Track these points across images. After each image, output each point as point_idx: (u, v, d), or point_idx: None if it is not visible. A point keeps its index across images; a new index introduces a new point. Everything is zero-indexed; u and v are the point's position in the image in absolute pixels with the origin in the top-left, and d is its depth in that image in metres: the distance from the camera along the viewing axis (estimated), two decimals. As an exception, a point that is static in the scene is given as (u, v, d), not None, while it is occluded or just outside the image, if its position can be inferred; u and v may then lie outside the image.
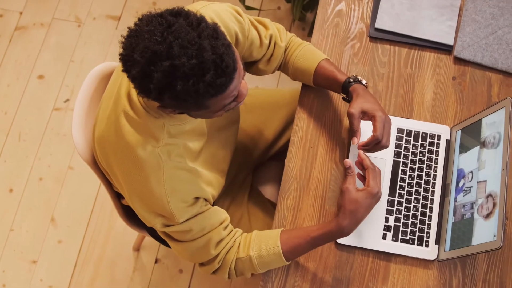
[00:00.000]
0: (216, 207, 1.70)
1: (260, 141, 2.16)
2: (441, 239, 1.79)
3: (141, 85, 1.34)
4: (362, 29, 2.04)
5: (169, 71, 1.30)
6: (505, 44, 2.01)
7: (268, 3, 3.15)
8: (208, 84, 1.33)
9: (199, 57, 1.31)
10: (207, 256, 1.68)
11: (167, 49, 1.30)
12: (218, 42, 1.34)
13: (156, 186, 1.54)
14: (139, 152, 1.52)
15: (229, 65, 1.35)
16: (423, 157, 1.87)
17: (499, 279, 1.79)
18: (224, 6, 1.67)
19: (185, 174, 1.59)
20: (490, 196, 1.64)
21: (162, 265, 2.73)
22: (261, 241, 1.69)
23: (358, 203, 1.62)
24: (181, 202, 1.58)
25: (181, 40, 1.31)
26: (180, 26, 1.32)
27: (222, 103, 1.42)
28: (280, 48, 1.83)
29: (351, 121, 1.70)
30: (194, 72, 1.31)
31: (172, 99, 1.35)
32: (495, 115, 1.73)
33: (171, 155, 1.55)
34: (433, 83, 1.98)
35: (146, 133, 1.52)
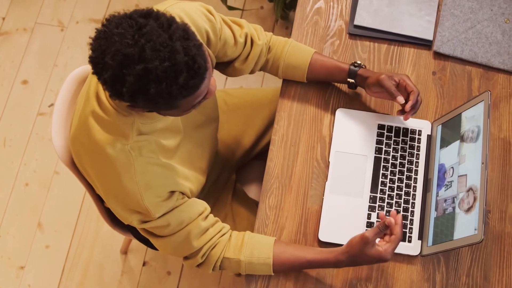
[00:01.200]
0: (194, 199, 1.69)
1: (243, 141, 2.15)
2: (424, 234, 1.79)
3: (113, 89, 1.34)
4: (341, 26, 2.03)
5: (142, 75, 1.30)
6: (485, 38, 2.01)
7: (251, 3, 3.15)
8: (181, 86, 1.33)
9: (171, 60, 1.30)
10: (189, 249, 1.67)
11: (139, 52, 1.30)
12: (190, 43, 1.33)
13: (128, 183, 1.54)
14: (108, 150, 1.52)
15: (201, 66, 1.35)
16: (404, 152, 1.87)
17: (483, 273, 1.79)
18: (194, 5, 1.67)
19: (158, 169, 1.58)
20: (471, 190, 1.64)
21: (150, 268, 2.72)
22: (253, 248, 1.69)
23: (365, 256, 1.61)
24: (155, 197, 1.57)
25: (153, 42, 1.30)
26: (151, 28, 1.31)
27: (193, 103, 1.42)
28: (258, 46, 1.83)
29: (387, 85, 1.75)
30: (167, 74, 1.30)
31: (145, 101, 1.35)
32: (474, 108, 1.73)
33: (142, 151, 1.55)
34: (413, 79, 1.98)
35: (115, 131, 1.52)
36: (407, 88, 1.78)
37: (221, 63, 1.87)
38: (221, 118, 2.15)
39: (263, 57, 1.87)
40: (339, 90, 1.95)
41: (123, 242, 2.68)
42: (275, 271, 1.70)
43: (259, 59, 1.86)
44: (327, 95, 1.94)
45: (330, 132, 1.91)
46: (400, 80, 1.78)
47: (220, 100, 2.17)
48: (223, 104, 2.17)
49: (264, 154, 2.20)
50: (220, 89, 2.22)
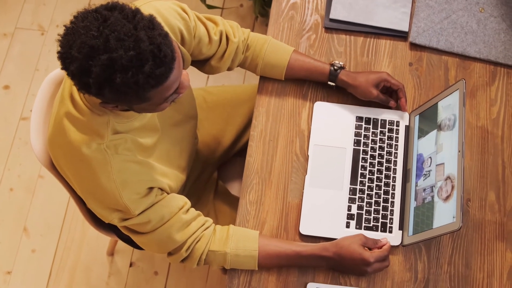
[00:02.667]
0: (174, 194, 1.69)
1: (223, 139, 2.16)
2: (404, 224, 1.80)
3: (80, 81, 1.34)
4: (317, 21, 2.04)
5: (107, 65, 1.30)
6: (460, 27, 2.02)
7: (230, 1, 3.16)
8: (148, 75, 1.32)
9: (136, 48, 1.30)
10: (173, 243, 1.67)
11: (104, 43, 1.30)
12: (155, 32, 1.33)
13: (106, 181, 1.54)
14: (84, 150, 1.52)
15: (167, 54, 1.34)
16: (383, 144, 1.88)
17: (464, 261, 1.80)
18: (167, 3, 1.67)
19: (135, 166, 1.58)
20: (449, 178, 1.65)
21: (137, 268, 2.72)
22: (238, 240, 1.70)
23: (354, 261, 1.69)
24: (134, 194, 1.57)
25: (117, 32, 1.30)
26: (116, 19, 1.32)
27: (164, 95, 1.41)
28: (233, 44, 1.83)
29: (380, 98, 1.88)
30: (132, 63, 1.30)
31: (112, 92, 1.34)
32: (450, 97, 1.74)
33: (118, 149, 1.55)
34: (390, 70, 1.99)
35: (90, 131, 1.52)
36: (392, 87, 1.88)
37: (198, 61, 1.87)
38: (201, 116, 2.15)
39: (240, 54, 1.87)
40: (317, 84, 1.95)
41: (109, 243, 2.68)
42: (260, 265, 1.70)
43: (236, 57, 1.87)
44: (305, 89, 1.95)
45: (309, 125, 1.91)
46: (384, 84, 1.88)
47: (199, 98, 2.18)
48: (202, 102, 2.17)
49: (246, 150, 2.20)
50: (199, 87, 2.23)
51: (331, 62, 1.89)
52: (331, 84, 1.90)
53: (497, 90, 1.97)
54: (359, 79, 1.86)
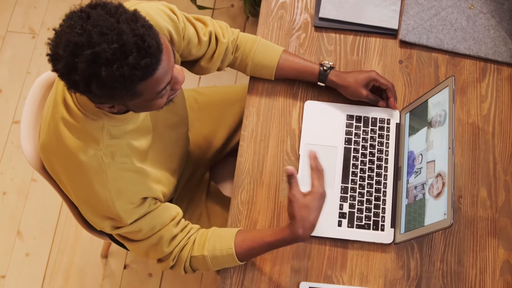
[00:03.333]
0: (167, 204, 1.69)
1: (215, 139, 2.15)
2: (396, 222, 1.80)
3: (68, 79, 1.33)
4: (307, 20, 2.04)
5: (91, 59, 1.29)
6: (449, 24, 2.02)
7: (221, 2, 3.15)
8: (133, 66, 1.31)
9: (119, 41, 1.29)
10: (161, 253, 1.68)
11: (87, 39, 1.29)
12: (138, 24, 1.32)
13: (100, 189, 1.54)
14: (80, 157, 1.51)
15: (152, 45, 1.33)
16: (374, 142, 1.88)
17: (457, 258, 1.80)
18: (155, 5, 1.66)
19: (131, 175, 1.58)
20: (439, 175, 1.65)
21: (131, 270, 2.72)
22: (215, 241, 1.69)
23: (308, 208, 1.58)
24: (128, 203, 1.57)
25: (100, 27, 1.30)
26: (98, 15, 1.31)
27: (156, 89, 1.39)
28: (223, 44, 1.83)
29: (369, 98, 1.88)
30: (116, 56, 1.29)
31: (100, 88, 1.32)
32: (440, 94, 1.74)
33: (115, 157, 1.54)
34: (380, 68, 1.99)
35: (86, 137, 1.51)
36: (381, 87, 1.88)
37: (188, 62, 1.87)
38: (192, 116, 2.15)
39: (229, 55, 1.87)
40: (307, 83, 1.95)
41: (102, 246, 2.68)
42: (242, 260, 1.70)
43: (225, 57, 1.86)
44: (295, 88, 1.95)
45: (299, 125, 1.91)
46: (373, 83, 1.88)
47: (190, 99, 2.17)
48: (193, 103, 2.17)
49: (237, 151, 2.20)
50: (190, 88, 2.23)
51: (320, 62, 1.89)
52: (321, 84, 1.90)
53: (487, 86, 1.97)
54: (348, 79, 1.86)
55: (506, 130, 1.92)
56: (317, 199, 1.59)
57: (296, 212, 1.58)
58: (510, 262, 1.80)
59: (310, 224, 1.59)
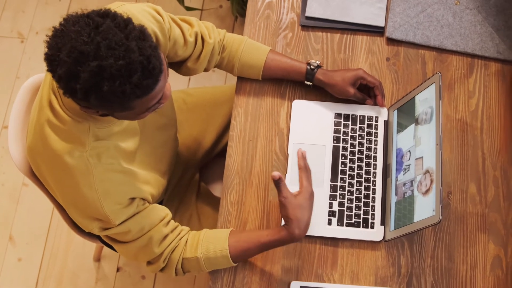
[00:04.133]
0: (156, 205, 1.69)
1: (204, 140, 2.15)
2: (386, 220, 1.80)
3: (67, 85, 1.33)
4: (293, 19, 2.04)
5: (96, 72, 1.29)
6: (436, 21, 2.02)
7: (210, 2, 3.15)
8: (135, 85, 1.32)
9: (126, 58, 1.30)
10: (151, 254, 1.67)
11: (95, 50, 1.29)
12: (146, 44, 1.33)
13: (87, 191, 1.53)
14: (66, 159, 1.51)
15: (156, 66, 1.34)
16: (362, 140, 1.88)
17: (447, 254, 1.80)
18: (141, 6, 1.66)
19: (118, 175, 1.57)
20: (428, 172, 1.65)
21: (124, 273, 2.71)
22: (209, 243, 1.69)
23: (301, 207, 1.61)
24: (115, 204, 1.57)
25: (109, 41, 1.30)
26: (108, 27, 1.31)
27: (147, 105, 1.41)
28: (209, 45, 1.83)
29: (357, 97, 1.88)
30: (121, 73, 1.30)
31: (98, 99, 1.33)
32: (427, 91, 1.74)
33: (101, 158, 1.54)
34: (367, 66, 1.99)
35: (72, 139, 1.51)
36: (369, 85, 1.88)
37: (174, 63, 1.87)
38: (181, 117, 2.15)
39: (216, 55, 1.87)
40: (295, 83, 1.95)
41: (95, 249, 2.67)
42: (236, 261, 1.70)
43: (212, 58, 1.86)
44: (283, 88, 1.95)
45: (288, 124, 1.91)
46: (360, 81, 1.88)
47: (179, 100, 2.17)
48: (182, 104, 2.17)
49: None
50: (179, 89, 2.22)
51: (308, 61, 1.89)
52: (308, 83, 1.90)
53: (475, 82, 1.98)
54: (335, 78, 1.86)
55: (494, 126, 1.93)
56: (307, 198, 1.62)
57: (291, 214, 1.60)
58: (500, 257, 1.80)
59: (305, 223, 1.62)
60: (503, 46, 2.00)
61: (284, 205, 1.61)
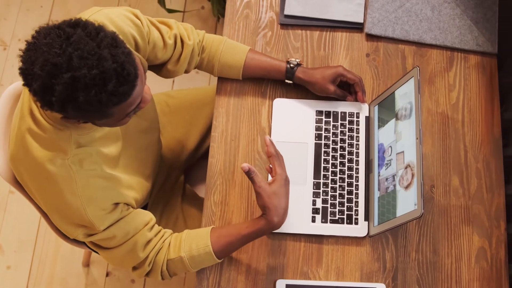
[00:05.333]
0: (140, 210, 1.69)
1: (187, 142, 2.15)
2: (370, 215, 1.80)
3: (43, 99, 1.33)
4: (272, 18, 2.04)
5: (70, 83, 1.29)
6: (415, 15, 2.02)
7: (191, 4, 3.15)
8: (111, 93, 1.32)
9: (99, 67, 1.29)
10: (136, 259, 1.67)
11: (67, 61, 1.29)
12: (118, 51, 1.33)
13: (71, 197, 1.53)
14: (48, 166, 1.51)
15: (131, 72, 1.34)
16: (344, 136, 1.88)
17: (432, 247, 1.80)
18: (119, 10, 1.65)
19: (101, 181, 1.57)
20: (409, 166, 1.66)
21: (114, 278, 2.71)
22: (191, 241, 1.69)
23: (277, 195, 1.62)
24: (99, 210, 1.57)
25: (81, 51, 1.29)
26: (79, 37, 1.30)
27: (126, 111, 1.41)
28: (189, 46, 1.83)
29: (337, 94, 1.88)
30: (95, 82, 1.29)
31: (75, 110, 1.33)
32: (405, 86, 1.74)
33: (84, 164, 1.54)
34: (347, 62, 1.99)
35: (53, 147, 1.51)
36: (349, 82, 1.88)
37: (155, 66, 1.87)
38: (164, 120, 2.15)
39: (196, 56, 1.86)
40: (275, 81, 1.95)
41: (84, 254, 2.67)
42: (220, 257, 1.70)
43: (192, 59, 1.86)
44: (263, 87, 1.95)
45: (269, 123, 1.91)
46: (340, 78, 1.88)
47: (161, 103, 2.17)
48: (164, 107, 2.16)
49: (211, 152, 2.20)
50: (161, 92, 2.22)
51: (287, 60, 1.89)
52: (288, 82, 1.90)
53: (455, 75, 1.98)
54: (315, 75, 1.86)
55: (475, 118, 1.93)
56: (283, 185, 1.63)
57: (267, 202, 1.61)
58: (485, 249, 1.81)
59: (283, 210, 1.63)
60: (482, 39, 2.01)
61: (259, 194, 1.61)
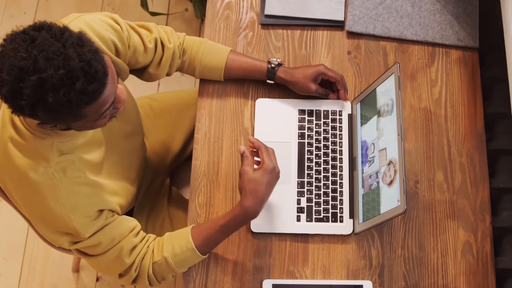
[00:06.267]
0: (124, 216, 1.69)
1: (172, 144, 2.15)
2: (355, 213, 1.81)
3: (13, 104, 1.32)
4: (253, 18, 2.04)
5: (37, 85, 1.28)
6: (395, 11, 2.03)
7: (175, 6, 3.15)
8: (80, 92, 1.31)
9: (66, 67, 1.29)
10: (122, 265, 1.67)
11: (33, 63, 1.28)
12: (84, 49, 1.32)
13: (55, 206, 1.53)
14: (31, 175, 1.50)
15: (99, 70, 1.33)
16: (327, 134, 1.88)
17: (418, 243, 1.81)
18: (97, 16, 1.65)
19: (84, 188, 1.57)
20: (391, 163, 1.66)
21: (104, 282, 2.70)
22: (173, 241, 1.69)
23: (256, 181, 1.62)
24: (84, 217, 1.56)
25: (46, 52, 1.29)
26: (44, 39, 1.30)
27: (100, 111, 1.40)
28: (169, 49, 1.82)
29: (319, 92, 1.88)
30: (63, 82, 1.29)
31: (46, 112, 1.32)
32: (386, 82, 1.74)
33: (67, 172, 1.53)
34: (329, 61, 1.99)
35: (35, 155, 1.50)
36: (330, 80, 1.88)
37: (136, 70, 1.86)
38: (148, 123, 2.15)
39: (177, 59, 1.86)
40: (257, 81, 1.95)
41: (73, 260, 2.66)
42: (203, 252, 1.69)
43: (173, 62, 1.86)
44: (245, 87, 1.95)
45: (252, 123, 1.91)
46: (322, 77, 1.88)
47: (145, 106, 2.17)
48: (148, 110, 2.16)
49: (196, 154, 2.20)
50: (144, 95, 2.22)
51: (268, 60, 1.89)
52: (270, 82, 1.90)
53: (437, 70, 1.98)
54: (296, 75, 1.86)
55: (458, 113, 1.94)
56: (267, 173, 1.63)
57: (245, 185, 1.62)
58: (470, 243, 1.81)
59: (258, 198, 1.62)
60: (463, 33, 2.01)
61: (241, 176, 1.63)
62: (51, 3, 3.20)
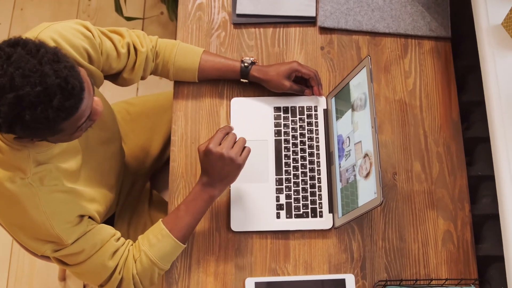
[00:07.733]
0: (103, 225, 1.68)
1: (151, 148, 2.15)
2: (334, 207, 1.81)
3: None
4: (225, 18, 2.04)
5: (14, 103, 1.28)
6: (366, 5, 2.03)
7: (150, 10, 3.15)
8: (57, 108, 1.31)
9: (42, 84, 1.29)
10: (106, 270, 1.66)
11: (10, 81, 1.28)
12: (60, 65, 1.32)
13: (35, 214, 1.52)
14: (8, 186, 1.49)
15: (75, 86, 1.33)
16: (303, 130, 1.89)
17: (398, 234, 1.81)
18: (68, 24, 1.64)
19: (62, 195, 1.56)
20: (367, 156, 1.66)
21: (91, 289, 2.70)
22: (147, 234, 1.70)
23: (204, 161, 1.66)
24: (65, 223, 1.56)
25: (22, 69, 1.28)
26: (19, 56, 1.29)
27: (76, 125, 1.40)
28: (142, 53, 1.82)
29: (294, 89, 1.89)
30: (40, 99, 1.29)
31: (23, 129, 1.32)
32: (359, 76, 1.75)
33: (44, 181, 1.53)
34: (302, 57, 1.99)
35: (12, 167, 1.50)
36: (304, 77, 1.89)
37: (110, 75, 1.86)
38: (126, 128, 2.14)
39: (150, 63, 1.86)
40: (232, 81, 1.96)
41: (59, 269, 2.66)
42: (179, 237, 1.69)
43: (147, 66, 1.86)
44: (220, 87, 1.95)
45: (228, 123, 1.91)
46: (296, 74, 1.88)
47: (122, 111, 2.17)
48: (126, 115, 2.16)
49: (175, 156, 2.20)
50: (121, 100, 2.22)
51: (242, 59, 1.89)
52: (244, 81, 1.90)
53: (410, 62, 1.99)
54: (270, 73, 1.87)
55: (433, 103, 1.94)
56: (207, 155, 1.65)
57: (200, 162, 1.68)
58: (450, 232, 1.82)
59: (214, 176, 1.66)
60: (435, 24, 2.02)
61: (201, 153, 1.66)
62: (25, 13, 3.19)
